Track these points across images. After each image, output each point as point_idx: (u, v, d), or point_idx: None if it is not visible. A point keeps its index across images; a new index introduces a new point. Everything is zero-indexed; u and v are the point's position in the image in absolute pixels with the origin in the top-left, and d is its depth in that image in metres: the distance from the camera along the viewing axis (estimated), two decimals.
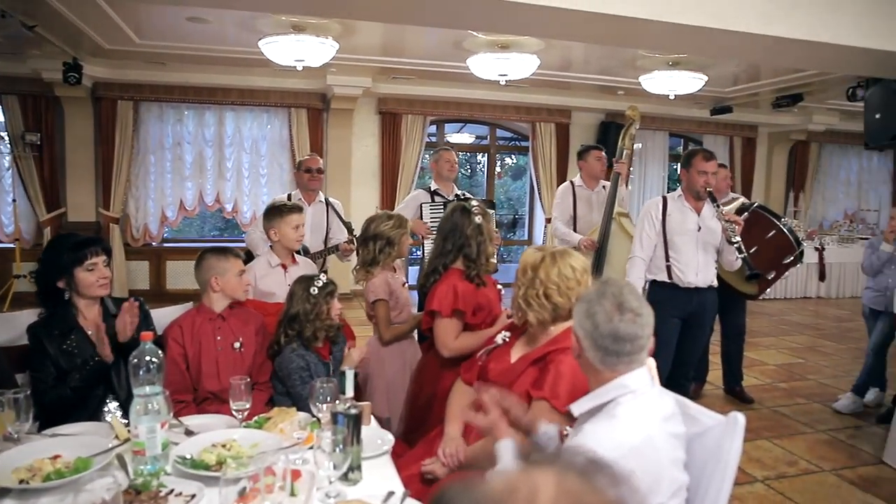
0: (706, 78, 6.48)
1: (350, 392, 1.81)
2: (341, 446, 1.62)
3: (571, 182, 4.82)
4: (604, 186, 4.73)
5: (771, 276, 4.46)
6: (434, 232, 4.17)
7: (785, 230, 4.41)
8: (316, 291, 2.56)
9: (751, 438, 4.10)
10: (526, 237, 10.04)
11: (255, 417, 2.08)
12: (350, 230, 4.16)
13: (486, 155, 10.00)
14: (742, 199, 4.70)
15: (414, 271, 7.42)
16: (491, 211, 4.24)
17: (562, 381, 1.89)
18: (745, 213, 4.39)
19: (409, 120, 8.67)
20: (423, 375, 2.68)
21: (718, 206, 3.72)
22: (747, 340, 5.19)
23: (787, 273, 4.62)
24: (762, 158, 10.67)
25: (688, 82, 6.41)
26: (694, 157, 3.76)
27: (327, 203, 4.37)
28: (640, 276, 3.82)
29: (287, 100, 8.17)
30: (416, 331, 3.05)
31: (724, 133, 10.17)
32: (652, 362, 1.71)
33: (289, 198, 4.21)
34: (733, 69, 7.00)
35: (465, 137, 10.24)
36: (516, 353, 2.10)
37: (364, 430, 1.96)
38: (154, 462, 1.69)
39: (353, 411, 1.68)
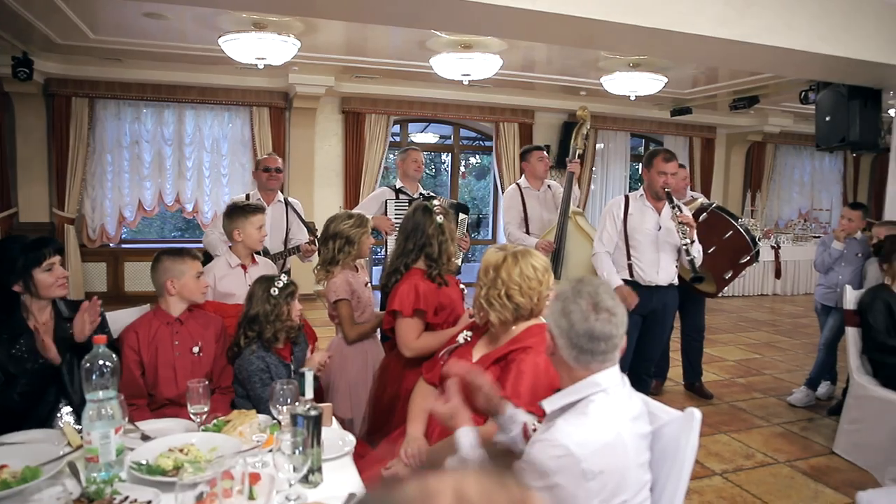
0: (666, 79, 6.59)
1: (310, 394, 1.79)
2: (301, 448, 1.60)
3: (517, 184, 4.83)
4: (549, 186, 4.77)
5: (728, 275, 4.56)
6: (398, 229, 4.17)
7: (742, 231, 4.51)
8: (276, 292, 2.53)
9: (710, 433, 4.20)
10: (490, 237, 10.09)
11: (214, 421, 2.05)
12: (311, 231, 4.13)
13: (449, 155, 10.02)
14: (701, 200, 4.79)
15: (377, 271, 7.38)
16: (464, 216, 4.26)
17: (523, 379, 1.91)
18: (704, 214, 4.48)
19: (373, 119, 8.64)
20: (386, 375, 2.67)
21: (675, 207, 3.78)
22: (707, 337, 5.30)
23: (743, 272, 4.72)
24: (720, 159, 10.91)
25: (648, 83, 6.51)
26: (655, 157, 3.82)
27: (286, 203, 4.31)
28: (611, 268, 3.86)
29: (249, 98, 8.05)
30: (378, 330, 3.04)
31: (684, 134, 10.38)
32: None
33: (247, 198, 4.12)
34: (692, 71, 7.14)
35: (429, 137, 10.24)
36: (478, 353, 2.11)
37: (325, 431, 1.95)
38: (108, 469, 1.65)
39: (313, 413, 1.67)
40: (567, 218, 4.29)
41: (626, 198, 3.95)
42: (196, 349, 2.53)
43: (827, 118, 4.89)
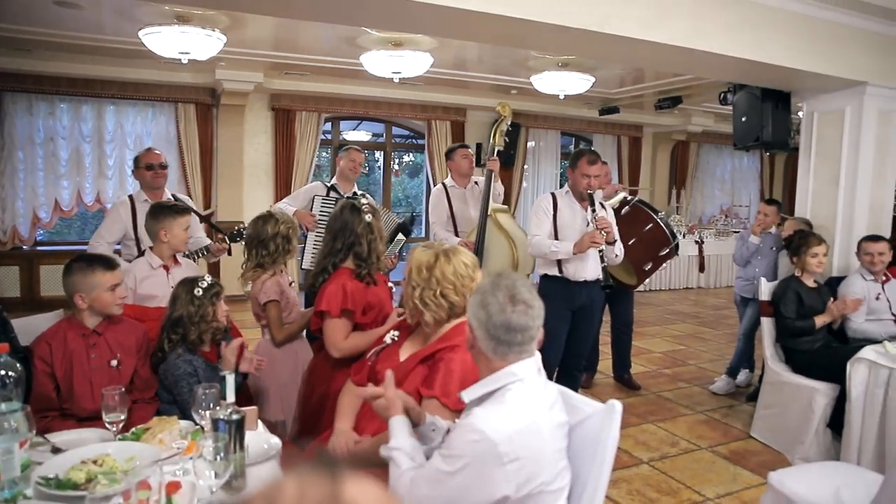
0: (594, 79, 6.75)
1: (231, 397, 1.74)
2: (223, 454, 1.56)
3: (443, 184, 4.85)
4: (476, 182, 4.79)
5: (648, 266, 4.68)
6: (320, 225, 4.10)
7: (661, 224, 4.65)
8: (200, 293, 2.45)
9: (638, 423, 4.33)
10: (423, 234, 10.10)
11: (133, 429, 1.96)
12: (212, 223, 3.99)
13: (382, 153, 9.97)
14: (624, 194, 4.91)
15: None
16: (402, 237, 4.18)
17: (452, 378, 1.91)
18: (627, 207, 4.60)
19: (304, 117, 8.50)
20: (315, 376, 2.64)
21: (594, 211, 3.81)
22: (635, 330, 5.47)
23: (664, 265, 4.86)
24: (647, 157, 11.27)
25: (576, 83, 6.65)
26: (580, 159, 3.87)
27: (176, 200, 4.12)
28: (550, 244, 3.82)
29: (173, 94, 7.78)
30: (306, 330, 2.99)
31: (612, 132, 10.66)
32: (537, 355, 1.76)
33: (131, 199, 3.84)
34: (619, 72, 7.34)
35: (362, 135, 10.16)
36: (405, 352, 2.10)
37: (250, 435, 1.90)
38: (11, 486, 1.55)
39: (235, 417, 1.62)
40: (487, 216, 4.30)
41: (553, 195, 4.01)
42: (115, 362, 2.40)
43: (743, 119, 5.10)
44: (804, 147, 4.98)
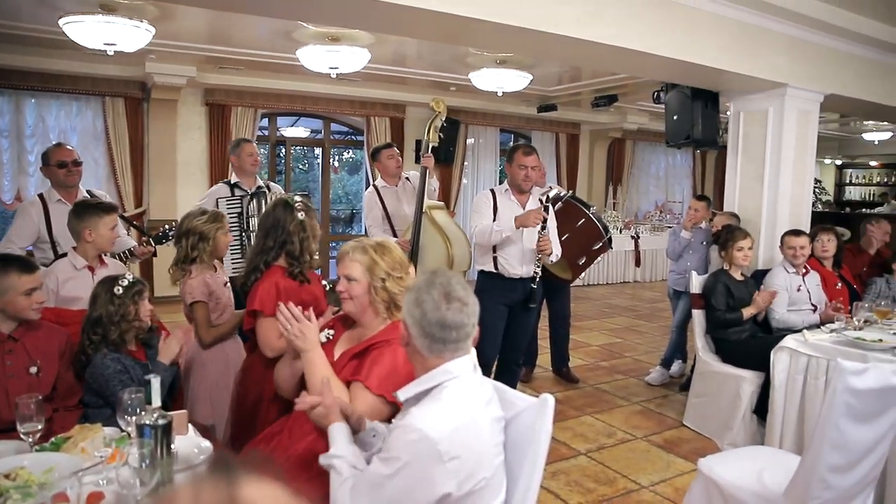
0: (532, 77, 6.83)
1: (157, 401, 1.68)
2: (149, 461, 1.50)
3: (375, 186, 4.81)
4: (407, 178, 4.77)
5: (582, 261, 4.75)
6: (232, 229, 3.99)
7: (594, 219, 4.74)
8: (121, 291, 2.36)
9: (576, 416, 4.41)
10: (363, 232, 10.00)
11: (52, 439, 1.87)
12: (134, 224, 3.85)
13: (321, 149, 9.84)
14: (556, 190, 4.98)
15: None
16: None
17: (377, 365, 1.91)
18: (559, 203, 4.66)
19: (239, 112, 8.29)
20: (248, 377, 2.57)
21: (544, 229, 3.83)
22: (573, 324, 5.57)
23: (598, 259, 4.94)
24: (585, 154, 11.48)
25: (514, 80, 6.71)
26: (515, 151, 3.93)
27: (92, 197, 3.96)
28: (493, 225, 3.82)
29: (100, 87, 7.44)
30: (238, 330, 2.92)
31: (550, 130, 10.82)
32: (473, 352, 1.76)
33: (42, 199, 3.63)
34: (557, 69, 7.45)
35: (300, 131, 10.00)
36: (339, 350, 2.08)
37: (180, 440, 1.85)
38: None
39: (162, 421, 1.57)
40: (422, 214, 4.29)
41: (493, 192, 4.04)
42: (34, 369, 2.28)
43: (674, 117, 5.26)
44: (731, 145, 5.18)
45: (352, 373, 1.96)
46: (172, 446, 1.66)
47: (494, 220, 3.93)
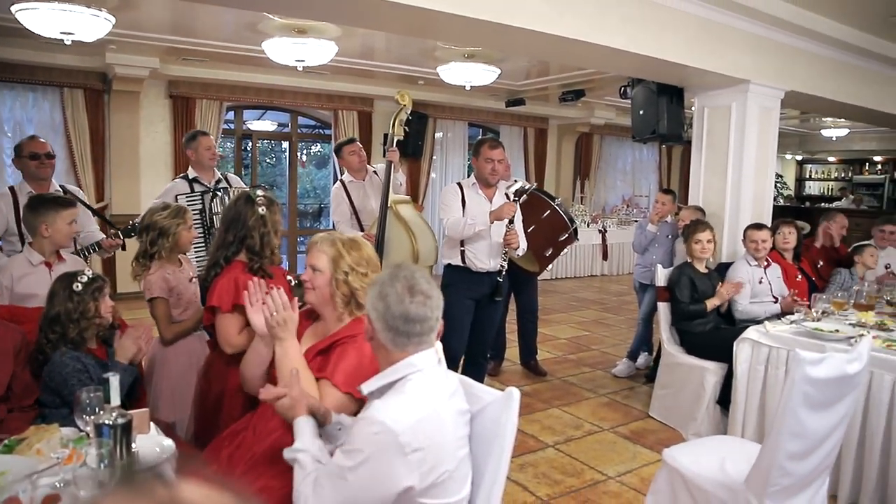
0: (499, 71, 6.83)
1: (116, 400, 1.64)
2: (107, 461, 1.46)
3: (342, 181, 4.76)
4: (374, 172, 4.74)
5: (548, 252, 4.77)
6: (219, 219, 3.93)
7: (559, 210, 4.76)
8: (80, 288, 2.30)
9: (544, 409, 4.45)
10: (331, 226, 9.93)
11: (6, 440, 1.82)
12: (105, 218, 3.76)
13: (288, 143, 9.72)
14: (521, 183, 4.99)
15: None
16: None
17: (343, 361, 1.91)
18: (524, 196, 4.66)
19: (204, 105, 8.14)
20: (210, 373, 2.54)
21: (512, 222, 3.86)
22: (541, 317, 5.61)
23: (564, 250, 4.95)
24: (553, 148, 11.56)
25: (482, 74, 6.71)
26: (482, 145, 3.94)
27: (65, 192, 3.87)
28: (465, 219, 3.82)
29: (58, 78, 7.23)
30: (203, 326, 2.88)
31: (519, 124, 10.86)
32: (438, 345, 1.76)
33: (12, 192, 3.56)
34: (525, 64, 7.47)
35: (267, 125, 9.87)
36: (304, 345, 2.06)
37: (141, 439, 1.81)
38: None
39: (121, 420, 1.53)
40: (388, 208, 4.26)
41: (460, 185, 4.04)
42: None
43: (640, 112, 5.32)
44: (696, 140, 5.26)
45: (318, 370, 1.95)
46: (133, 446, 1.62)
47: (463, 213, 3.92)
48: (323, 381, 1.91)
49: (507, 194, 3.97)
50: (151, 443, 1.86)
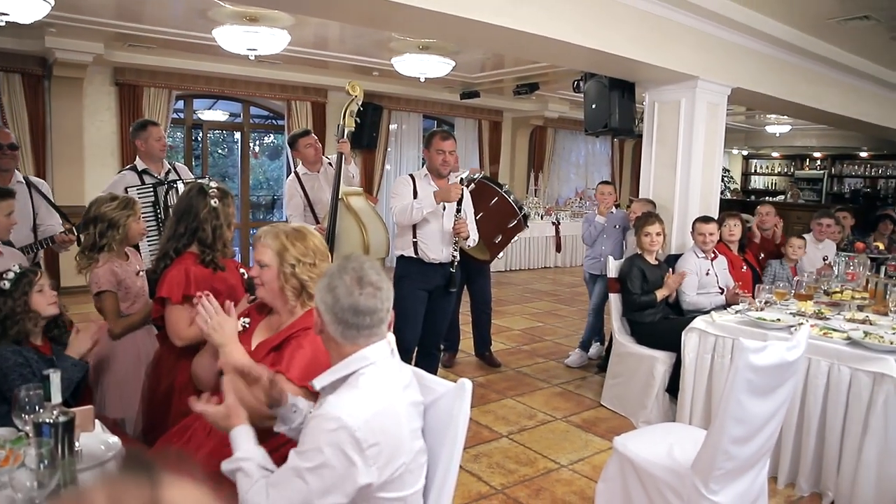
0: (454, 63, 6.83)
1: (57, 397, 1.58)
2: (47, 461, 1.42)
3: (296, 172, 4.70)
4: (330, 163, 4.68)
5: (498, 239, 4.77)
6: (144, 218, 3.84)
7: (506, 196, 4.79)
8: (8, 286, 2.22)
9: (498, 399, 4.49)
10: (285, 219, 9.79)
11: None
12: (65, 215, 3.65)
13: (240, 133, 9.52)
14: (467, 172, 5.01)
15: None
16: None
17: (299, 354, 1.89)
18: (472, 184, 4.69)
19: (152, 93, 7.91)
20: (160, 368, 2.48)
21: (459, 211, 3.88)
22: (496, 309, 5.66)
23: (514, 238, 4.97)
24: (507, 141, 11.64)
25: (437, 66, 6.70)
26: (433, 137, 3.94)
27: (29, 184, 3.73)
28: (412, 202, 3.81)
29: None
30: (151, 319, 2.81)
31: (474, 116, 10.90)
32: (391, 336, 1.75)
33: None
34: (480, 56, 7.48)
35: (218, 115, 9.64)
36: (257, 339, 2.03)
37: (85, 437, 1.76)
38: None
39: (62, 419, 1.48)
40: (339, 200, 4.23)
41: (412, 176, 4.02)
42: None
43: (593, 106, 5.40)
44: (646, 134, 5.37)
45: (272, 364, 1.92)
46: (76, 444, 1.57)
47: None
48: (277, 376, 1.88)
49: (461, 181, 4.01)
50: (96, 441, 1.81)
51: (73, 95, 7.41)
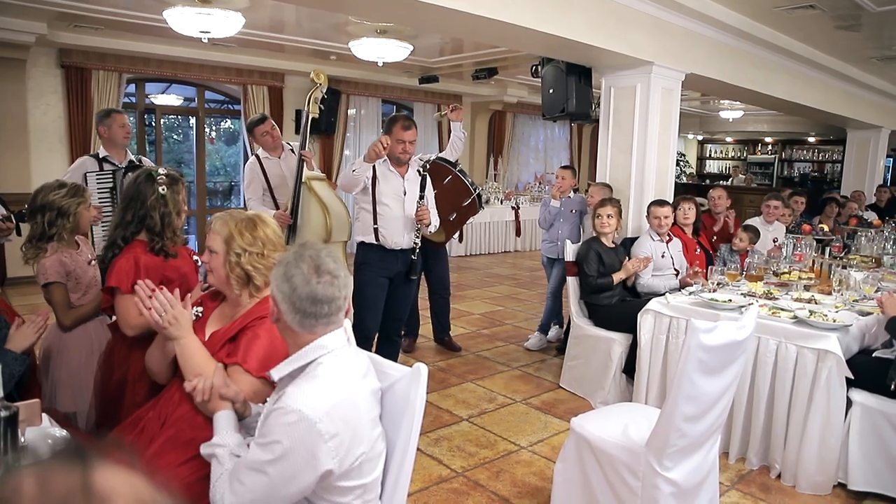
0: (412, 47, 6.78)
1: (0, 391, 1.54)
2: None
3: (257, 155, 4.62)
4: (292, 149, 4.62)
5: (453, 216, 4.76)
6: (104, 205, 3.76)
7: (459, 175, 4.76)
8: None
9: (458, 383, 4.52)
10: (242, 205, 9.64)
11: None
12: (4, 204, 3.53)
13: (195, 118, 9.31)
14: (419, 158, 4.98)
15: None
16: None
17: (255, 344, 1.87)
18: (427, 164, 4.67)
19: (101, 77, 7.65)
20: (112, 359, 2.42)
21: (422, 198, 3.88)
22: (455, 293, 5.67)
23: (470, 218, 4.95)
24: (466, 126, 11.57)
25: (395, 51, 6.64)
26: (394, 125, 3.86)
27: None
28: (350, 166, 3.78)
29: None
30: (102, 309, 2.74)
31: (433, 101, 10.85)
32: (347, 323, 1.75)
33: None
34: (438, 41, 7.44)
35: (172, 99, 9.39)
36: (211, 328, 2.00)
37: (30, 431, 1.71)
38: None
39: (5, 413, 1.44)
40: (302, 184, 4.18)
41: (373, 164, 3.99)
42: None
43: (550, 91, 5.43)
44: (603, 119, 5.43)
45: (227, 355, 1.90)
46: (21, 439, 1.53)
47: (374, 190, 3.88)
48: (234, 367, 1.86)
49: (418, 170, 3.99)
50: (43, 435, 1.76)
51: (15, 78, 7.12)
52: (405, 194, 3.90)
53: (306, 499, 1.56)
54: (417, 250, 3.97)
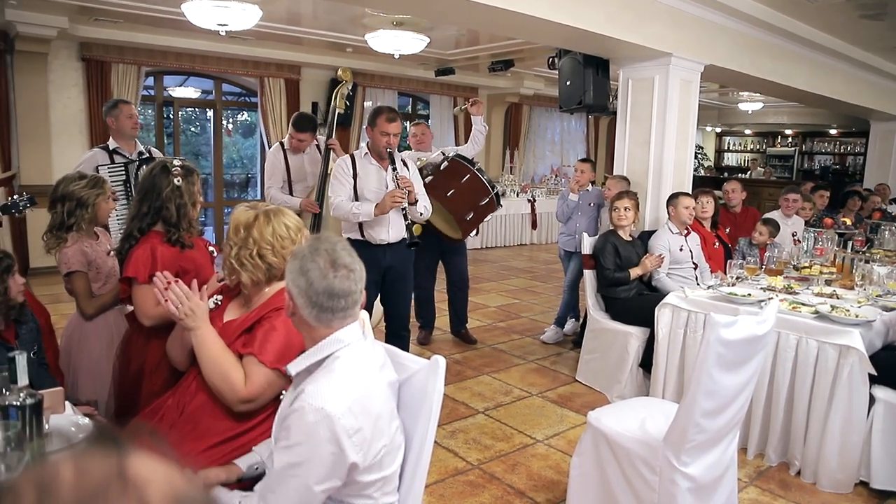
0: (429, 39, 6.77)
1: (24, 379, 1.56)
2: (15, 443, 1.40)
3: (281, 143, 4.64)
4: (318, 145, 4.64)
5: (470, 216, 4.74)
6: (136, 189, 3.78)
7: (478, 174, 4.71)
8: None
9: (474, 376, 4.52)
10: (259, 197, 9.69)
11: None
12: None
13: (213, 111, 9.36)
14: (441, 151, 4.97)
15: None
16: None
17: (272, 336, 1.88)
18: (445, 163, 4.66)
19: (121, 70, 7.72)
20: (130, 348, 2.45)
21: (395, 170, 3.76)
22: (472, 286, 5.66)
23: (487, 217, 4.95)
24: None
25: (411, 43, 6.63)
26: (378, 116, 3.73)
27: None
28: (352, 206, 3.71)
29: None
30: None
31: (449, 93, 10.82)
32: (364, 314, 1.75)
33: None
34: (454, 33, 7.41)
35: (190, 91, 9.45)
36: (229, 317, 2.02)
37: (56, 419, 1.74)
38: None
39: (30, 401, 1.46)
40: (327, 176, 4.18)
41: (352, 157, 3.89)
42: None
43: (567, 83, 5.39)
44: (621, 111, 5.38)
45: (243, 345, 1.91)
46: (45, 426, 1.55)
47: (355, 184, 3.79)
48: (248, 357, 1.87)
49: (403, 161, 3.88)
50: (67, 423, 1.79)
51: (37, 71, 7.20)
52: (387, 188, 3.76)
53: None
54: (413, 242, 3.77)
